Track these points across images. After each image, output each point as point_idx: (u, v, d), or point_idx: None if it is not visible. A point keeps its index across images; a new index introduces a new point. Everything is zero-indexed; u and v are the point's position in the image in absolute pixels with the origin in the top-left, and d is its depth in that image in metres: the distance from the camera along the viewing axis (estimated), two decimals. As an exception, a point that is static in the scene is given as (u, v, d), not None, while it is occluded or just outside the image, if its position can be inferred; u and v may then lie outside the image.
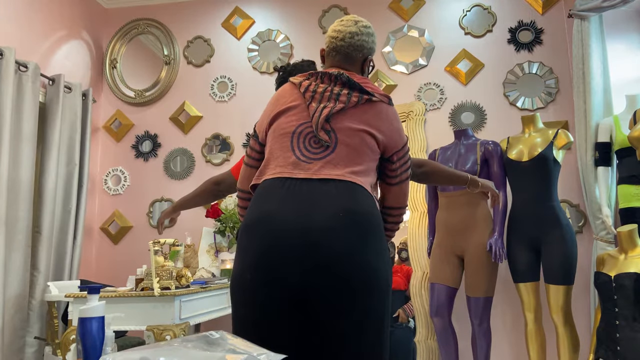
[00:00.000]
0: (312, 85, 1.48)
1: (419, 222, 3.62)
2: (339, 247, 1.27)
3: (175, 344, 0.80)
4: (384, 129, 1.47)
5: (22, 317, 3.18)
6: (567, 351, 2.84)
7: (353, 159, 1.40)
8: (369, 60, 1.62)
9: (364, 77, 1.56)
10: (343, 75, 1.48)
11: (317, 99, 1.46)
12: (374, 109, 1.47)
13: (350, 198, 1.33)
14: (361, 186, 1.37)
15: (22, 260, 3.17)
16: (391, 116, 1.51)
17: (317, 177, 1.35)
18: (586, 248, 3.37)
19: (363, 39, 1.57)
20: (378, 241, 1.34)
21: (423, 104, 3.80)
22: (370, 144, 1.44)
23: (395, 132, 1.50)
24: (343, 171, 1.37)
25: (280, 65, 1.91)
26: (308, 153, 1.40)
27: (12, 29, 3.37)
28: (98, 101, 4.24)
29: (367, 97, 1.47)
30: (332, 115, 1.43)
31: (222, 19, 4.25)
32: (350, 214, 1.31)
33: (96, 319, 1.17)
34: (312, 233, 1.27)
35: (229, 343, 0.84)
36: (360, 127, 1.43)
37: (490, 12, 3.85)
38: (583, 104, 3.35)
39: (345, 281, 1.26)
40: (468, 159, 3.07)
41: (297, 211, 1.30)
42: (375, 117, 1.47)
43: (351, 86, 1.47)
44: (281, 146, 1.44)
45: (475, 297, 2.92)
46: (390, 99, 1.54)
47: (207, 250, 3.53)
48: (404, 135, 1.54)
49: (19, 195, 3.18)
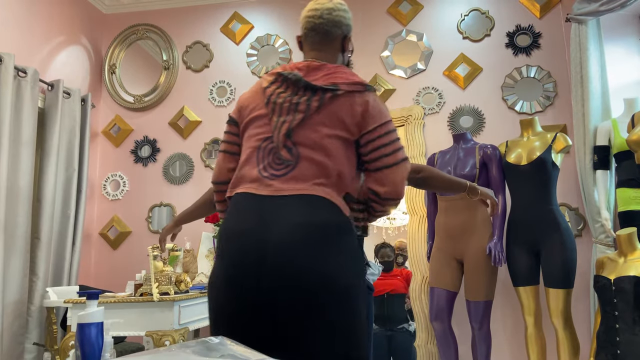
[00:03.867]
0: (274, 94, 1.46)
1: (419, 226, 3.62)
2: (295, 262, 1.26)
3: (175, 349, 0.80)
4: (349, 121, 1.40)
5: (21, 323, 3.17)
6: (567, 355, 2.84)
7: (318, 172, 1.37)
8: (349, 38, 1.58)
9: (337, 66, 1.49)
10: (301, 81, 1.43)
11: (277, 112, 1.43)
12: (339, 104, 1.41)
13: (307, 211, 1.31)
14: (322, 197, 1.34)
15: (21, 265, 3.17)
16: (359, 103, 1.41)
17: (278, 194, 1.34)
18: (585, 251, 3.37)
19: (341, 14, 1.55)
20: (339, 251, 1.31)
21: (422, 108, 3.80)
22: (340, 148, 1.39)
23: (360, 116, 1.40)
24: (306, 185, 1.35)
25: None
26: (272, 170, 1.39)
27: (11, 34, 3.37)
28: (97, 106, 4.24)
29: (331, 94, 1.40)
30: (292, 130, 1.40)
31: (220, 24, 4.26)
32: (306, 227, 1.28)
33: (95, 325, 1.17)
34: (269, 250, 1.27)
35: (228, 348, 0.84)
36: (325, 132, 1.39)
37: (488, 16, 3.86)
38: (581, 108, 3.35)
39: (303, 296, 1.25)
40: (467, 163, 3.08)
41: (256, 229, 1.31)
42: (342, 112, 1.40)
43: (311, 89, 1.42)
44: (249, 160, 1.44)
45: (475, 301, 2.92)
46: (367, 85, 1.45)
47: (207, 255, 3.52)
48: (378, 118, 1.43)
49: (18, 200, 3.17)
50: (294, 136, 1.40)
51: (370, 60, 3.98)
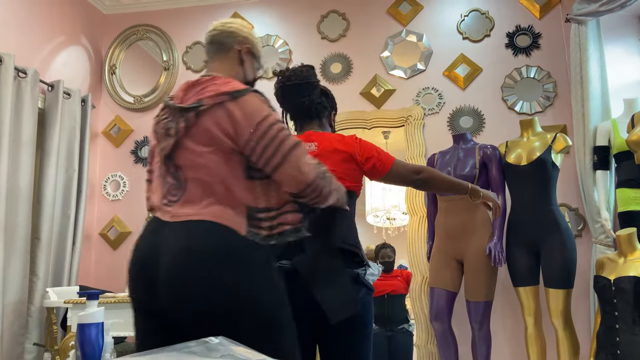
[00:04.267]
0: (158, 123, 1.48)
1: (418, 227, 3.62)
2: (177, 290, 1.28)
3: (175, 349, 0.80)
4: (221, 133, 1.36)
5: (21, 323, 3.17)
6: (567, 355, 2.84)
7: (205, 191, 1.36)
8: (247, 50, 1.57)
9: (213, 78, 1.45)
10: (170, 105, 1.44)
11: (159, 140, 1.46)
12: (206, 119, 1.37)
13: (188, 239, 1.31)
14: (208, 221, 1.33)
15: (21, 266, 3.17)
16: (223, 115, 1.36)
17: (174, 220, 1.36)
18: (585, 252, 3.37)
19: (235, 26, 1.58)
20: (224, 272, 1.29)
21: (422, 108, 3.81)
22: (220, 162, 1.36)
23: (231, 126, 1.35)
24: (197, 207, 1.35)
25: (280, 70, 1.90)
26: (170, 196, 1.41)
27: (11, 35, 3.37)
28: (97, 107, 4.24)
29: (193, 112, 1.37)
30: (169, 155, 1.41)
31: (220, 25, 4.26)
32: (186, 254, 1.29)
33: (95, 325, 1.17)
34: (160, 278, 1.31)
35: (228, 349, 0.84)
36: (202, 150, 1.37)
37: (488, 17, 3.86)
38: (581, 108, 3.35)
39: (188, 325, 1.28)
40: (467, 163, 3.08)
41: (149, 257, 1.36)
42: (211, 127, 1.36)
43: (179, 111, 1.41)
44: (156, 188, 1.50)
45: (475, 301, 2.92)
46: (234, 92, 1.38)
47: (207, 255, 3.52)
48: (249, 123, 1.36)
49: (18, 201, 3.17)
50: (175, 160, 1.40)
51: (370, 60, 3.98)
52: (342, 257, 1.69)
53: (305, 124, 1.90)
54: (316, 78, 1.88)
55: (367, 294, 1.72)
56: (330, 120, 1.98)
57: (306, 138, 1.82)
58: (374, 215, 5.83)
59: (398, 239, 5.70)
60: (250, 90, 1.40)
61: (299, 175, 1.35)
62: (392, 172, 1.81)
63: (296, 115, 1.91)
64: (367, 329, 1.73)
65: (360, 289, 1.70)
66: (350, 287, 1.66)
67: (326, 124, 1.95)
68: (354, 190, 1.80)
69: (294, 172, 1.35)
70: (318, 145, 1.79)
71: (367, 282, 1.73)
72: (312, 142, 1.80)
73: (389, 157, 1.83)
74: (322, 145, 1.79)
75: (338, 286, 1.63)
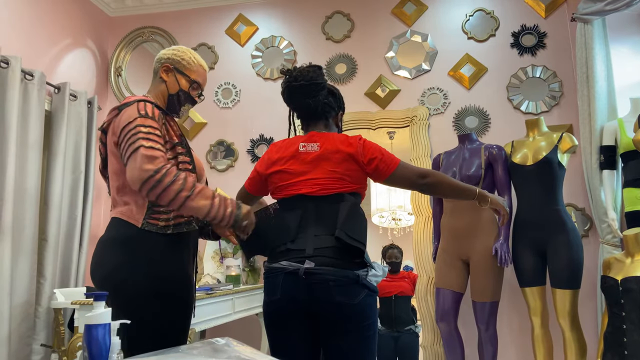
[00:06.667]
0: None
1: (424, 227, 3.61)
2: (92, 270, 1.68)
3: (182, 350, 0.80)
4: (114, 142, 1.66)
5: (28, 325, 3.18)
6: (574, 356, 2.83)
7: (120, 193, 1.69)
8: (165, 67, 1.83)
9: (126, 99, 1.72)
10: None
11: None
12: (109, 132, 1.69)
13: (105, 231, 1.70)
14: (114, 217, 1.69)
15: (29, 267, 3.18)
16: (114, 125, 1.66)
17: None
18: (592, 252, 3.35)
19: (161, 53, 1.88)
20: (107, 255, 1.64)
21: (427, 108, 3.80)
22: (116, 164, 1.67)
23: (116, 136, 1.64)
24: (115, 209, 1.71)
25: (287, 69, 1.90)
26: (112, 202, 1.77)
27: (18, 38, 3.40)
28: (103, 109, 4.26)
29: (101, 132, 1.74)
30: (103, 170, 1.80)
31: (225, 26, 4.27)
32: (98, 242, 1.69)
33: (102, 326, 1.18)
34: None
35: (234, 349, 0.84)
36: (112, 160, 1.69)
37: (493, 16, 3.85)
38: (587, 108, 3.34)
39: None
40: (472, 164, 3.07)
41: None
42: (110, 138, 1.67)
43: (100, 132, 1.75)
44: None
45: (481, 302, 2.91)
46: (121, 105, 1.68)
47: (212, 256, 3.53)
48: (119, 129, 1.62)
49: (25, 202, 3.19)
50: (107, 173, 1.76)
51: (374, 61, 3.98)
52: (345, 254, 1.68)
53: (312, 124, 1.90)
54: (323, 78, 1.87)
55: (368, 296, 1.71)
56: (337, 120, 1.97)
57: (309, 139, 1.82)
58: (379, 216, 5.83)
59: (403, 240, 5.69)
60: (136, 101, 1.66)
61: (135, 171, 1.52)
62: (396, 175, 1.79)
63: (303, 115, 1.92)
64: (372, 330, 1.72)
65: (360, 291, 1.67)
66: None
67: (332, 124, 1.94)
68: (357, 192, 1.80)
69: (130, 168, 1.54)
70: (320, 145, 1.79)
71: (368, 283, 1.72)
72: (315, 142, 1.80)
73: (394, 159, 1.81)
74: (325, 146, 1.79)
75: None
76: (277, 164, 1.83)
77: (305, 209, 1.75)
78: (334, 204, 1.74)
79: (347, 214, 1.73)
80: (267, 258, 1.79)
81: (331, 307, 1.64)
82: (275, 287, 1.69)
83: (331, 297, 1.63)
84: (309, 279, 1.64)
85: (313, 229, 1.72)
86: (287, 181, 1.81)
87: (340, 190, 1.76)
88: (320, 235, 1.71)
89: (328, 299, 1.64)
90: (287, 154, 1.83)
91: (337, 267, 1.65)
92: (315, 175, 1.77)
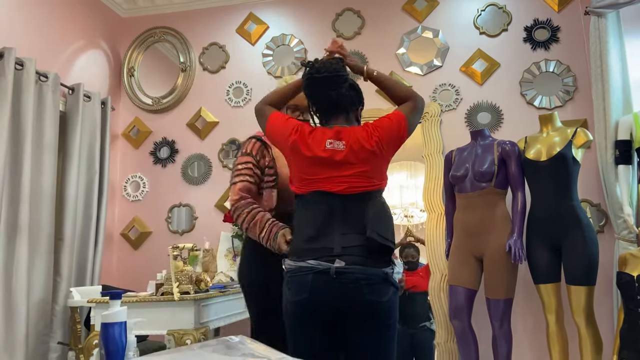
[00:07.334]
0: None
1: (437, 224, 3.59)
2: None
3: (196, 348, 0.81)
4: None
5: (45, 323, 3.23)
6: (589, 353, 2.80)
7: None
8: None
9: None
10: None
11: None
12: None
13: None
14: None
15: (45, 266, 3.23)
16: None
17: None
18: (608, 248, 3.31)
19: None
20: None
21: (438, 105, 3.78)
22: None
23: None
24: None
25: (308, 61, 1.85)
26: None
27: (32, 40, 3.44)
28: (117, 109, 4.30)
29: None
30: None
31: (236, 25, 4.29)
32: None
33: (118, 324, 1.19)
34: None
35: (248, 347, 0.85)
36: None
37: (505, 11, 3.82)
38: (602, 102, 3.30)
39: None
40: (485, 160, 3.04)
41: None
42: None
43: None
44: None
45: (495, 299, 2.89)
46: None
47: (226, 254, 3.55)
48: None
49: (41, 202, 3.24)
50: None
51: (385, 57, 3.96)
52: (373, 252, 1.68)
53: (332, 118, 1.86)
54: (345, 71, 1.85)
55: (394, 294, 1.72)
56: (357, 115, 1.95)
57: (335, 135, 1.78)
58: (392, 213, 5.80)
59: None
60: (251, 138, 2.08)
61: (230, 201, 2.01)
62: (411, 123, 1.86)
63: (323, 108, 1.87)
64: (393, 330, 1.73)
65: (389, 289, 1.69)
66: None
67: (353, 118, 1.91)
68: (381, 188, 1.83)
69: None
70: (345, 144, 1.76)
71: (394, 280, 1.72)
72: (341, 140, 1.76)
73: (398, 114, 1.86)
74: (350, 144, 1.76)
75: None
76: (303, 146, 1.78)
77: (331, 206, 1.73)
78: (360, 202, 1.74)
79: (375, 213, 1.73)
80: (289, 255, 1.77)
81: (360, 306, 1.65)
82: (304, 286, 1.67)
83: (362, 296, 1.64)
84: (339, 278, 1.64)
85: (340, 227, 1.71)
86: (314, 176, 1.76)
87: (366, 189, 1.75)
88: (348, 233, 1.70)
89: (358, 297, 1.64)
90: (314, 145, 1.77)
91: (366, 265, 1.66)
92: (341, 173, 1.74)
